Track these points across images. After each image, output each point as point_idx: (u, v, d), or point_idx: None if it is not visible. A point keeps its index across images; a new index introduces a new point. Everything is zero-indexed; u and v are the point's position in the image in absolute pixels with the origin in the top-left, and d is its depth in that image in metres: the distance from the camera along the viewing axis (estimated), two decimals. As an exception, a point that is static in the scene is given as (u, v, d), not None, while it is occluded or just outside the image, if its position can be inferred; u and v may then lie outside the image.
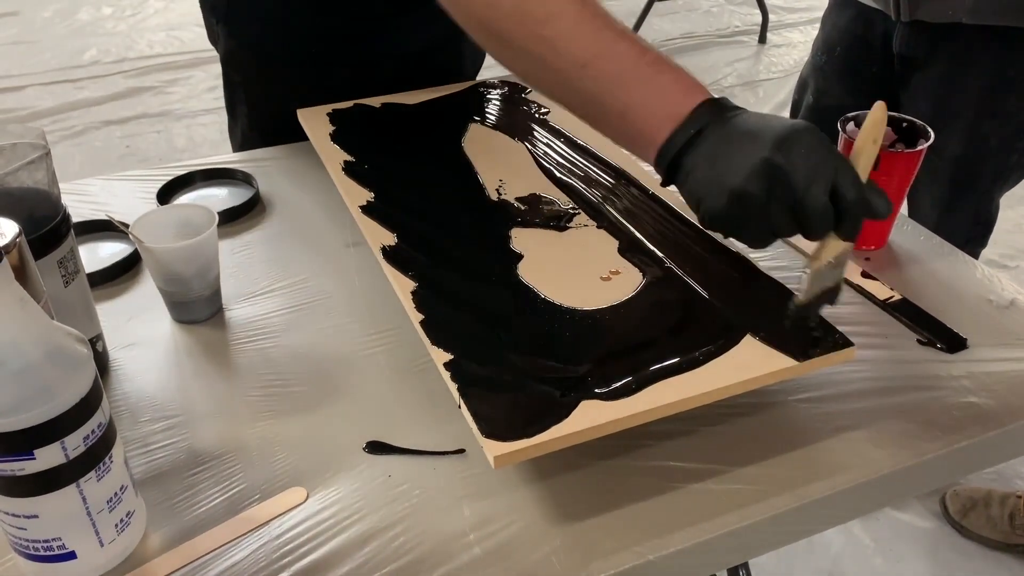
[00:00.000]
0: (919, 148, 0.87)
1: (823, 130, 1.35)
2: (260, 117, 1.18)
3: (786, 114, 1.51)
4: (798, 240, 0.93)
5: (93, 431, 0.55)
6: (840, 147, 0.90)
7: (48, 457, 0.53)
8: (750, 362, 0.68)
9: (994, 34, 1.14)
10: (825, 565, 1.48)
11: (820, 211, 0.63)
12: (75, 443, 0.54)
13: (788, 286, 0.76)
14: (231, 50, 1.15)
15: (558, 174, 0.95)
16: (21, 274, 0.60)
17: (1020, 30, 1.12)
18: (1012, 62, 1.16)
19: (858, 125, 0.92)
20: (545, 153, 0.99)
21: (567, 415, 0.63)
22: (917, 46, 1.22)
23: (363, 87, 1.12)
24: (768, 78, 3.24)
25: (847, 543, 1.52)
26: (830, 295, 0.71)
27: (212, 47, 1.22)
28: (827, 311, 0.73)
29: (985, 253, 1.37)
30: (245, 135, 1.21)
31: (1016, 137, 1.21)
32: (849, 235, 0.66)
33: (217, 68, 1.21)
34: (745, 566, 1.09)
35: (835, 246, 0.68)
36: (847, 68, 1.34)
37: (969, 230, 1.29)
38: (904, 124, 0.91)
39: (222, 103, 1.26)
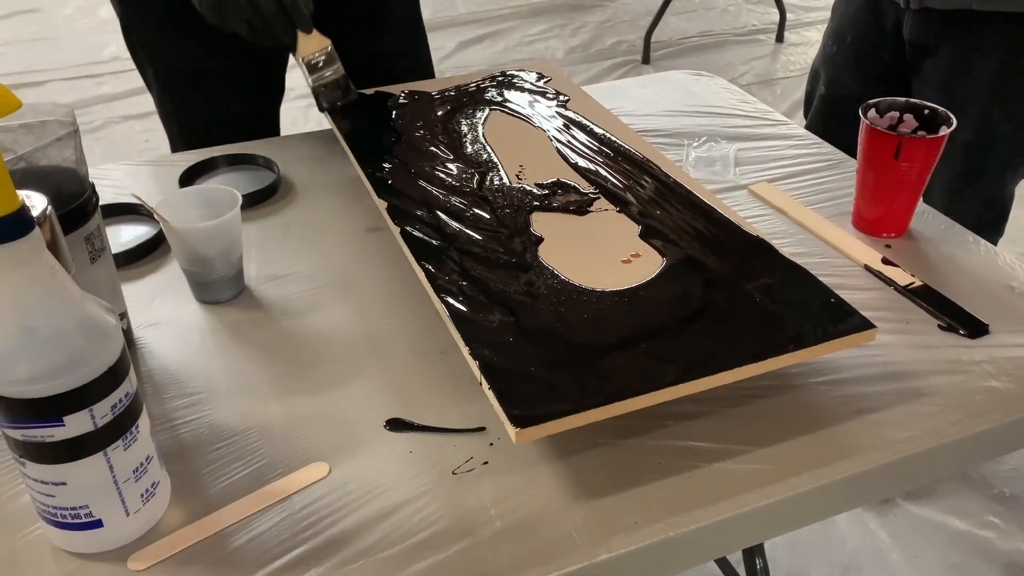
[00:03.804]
0: (940, 134, 0.86)
1: (838, 118, 1.35)
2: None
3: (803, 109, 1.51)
4: (820, 231, 0.93)
5: (120, 400, 0.56)
6: (861, 135, 0.90)
7: (77, 424, 0.54)
8: (770, 344, 0.68)
9: (1005, 20, 1.14)
10: (841, 560, 1.48)
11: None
12: (103, 411, 0.55)
13: (811, 271, 0.76)
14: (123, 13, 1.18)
15: (578, 160, 0.95)
16: (51, 248, 0.61)
17: None
18: (1022, 49, 1.16)
19: (879, 112, 0.92)
20: (565, 139, 0.99)
21: (588, 393, 0.63)
22: (927, 33, 1.22)
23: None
24: (785, 76, 3.22)
25: (863, 538, 1.51)
26: (339, 87, 1.04)
27: None
28: (847, 296, 0.74)
29: (1002, 249, 1.36)
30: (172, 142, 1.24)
31: None
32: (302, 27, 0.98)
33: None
34: (762, 555, 1.09)
35: (307, 42, 1.00)
36: (858, 57, 1.34)
37: (981, 216, 1.28)
38: (926, 111, 0.91)
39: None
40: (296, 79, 1.19)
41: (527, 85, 1.13)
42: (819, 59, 1.42)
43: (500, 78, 1.15)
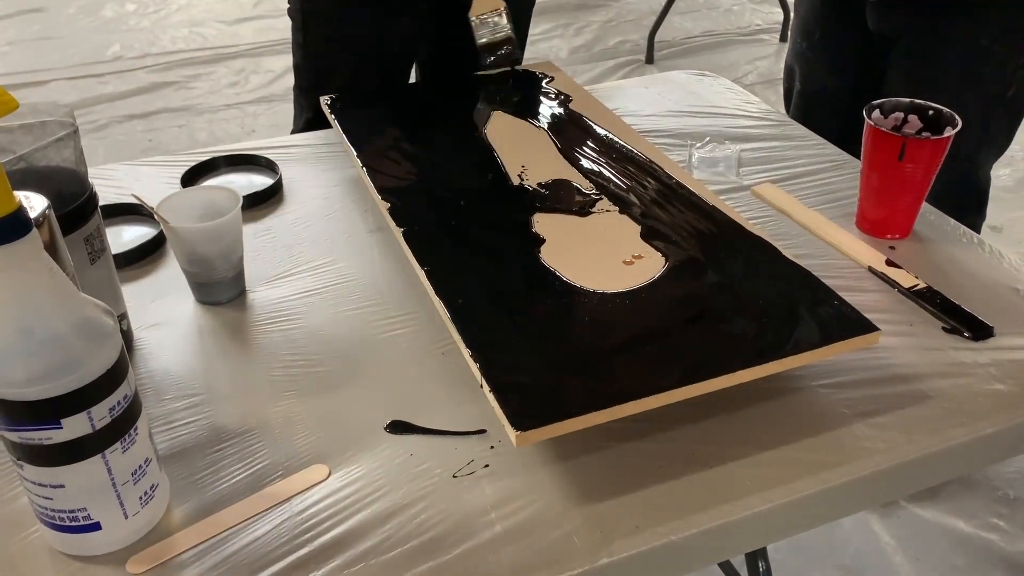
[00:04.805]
0: (945, 135, 0.86)
1: (816, 113, 1.34)
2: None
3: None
4: (823, 233, 0.92)
5: (119, 402, 0.55)
6: (865, 135, 0.89)
7: (75, 427, 0.54)
8: (773, 346, 0.67)
9: (962, 6, 1.13)
10: (844, 562, 1.47)
11: None
12: (101, 414, 0.54)
13: (814, 273, 0.75)
14: None
15: (580, 160, 0.94)
16: (50, 249, 0.60)
17: None
18: (984, 31, 1.15)
19: (883, 113, 0.92)
20: (567, 140, 0.99)
21: (589, 396, 0.63)
22: (890, 22, 1.22)
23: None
24: (789, 76, 3.22)
25: (866, 540, 1.50)
26: (503, 47, 1.12)
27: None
28: (851, 298, 0.73)
29: (1009, 252, 1.35)
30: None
31: (994, 103, 1.20)
32: None
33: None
34: (765, 558, 1.08)
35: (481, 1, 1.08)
36: (828, 50, 1.33)
37: (960, 198, 1.27)
38: (930, 112, 0.90)
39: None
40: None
41: (529, 85, 1.13)
42: (791, 56, 1.42)
43: (503, 78, 1.15)
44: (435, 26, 1.32)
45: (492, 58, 1.13)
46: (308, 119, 1.31)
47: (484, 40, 1.13)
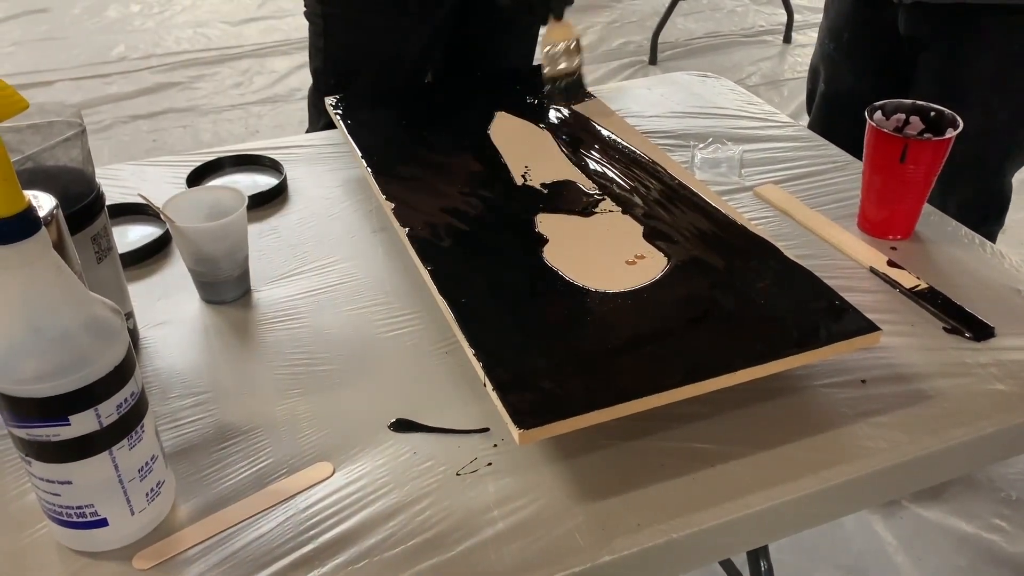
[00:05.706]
0: (947, 136, 0.86)
1: (839, 115, 1.33)
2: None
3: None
4: (825, 233, 0.93)
5: (126, 399, 0.56)
6: (867, 136, 0.89)
7: (82, 424, 0.54)
8: (775, 346, 0.68)
9: (997, 12, 1.13)
10: (846, 561, 1.47)
11: None
12: (108, 411, 0.55)
13: (816, 274, 0.76)
14: None
15: (583, 161, 0.95)
16: (58, 248, 0.61)
17: (1022, 6, 1.12)
18: (1017, 38, 1.15)
19: (885, 114, 0.92)
20: (570, 140, 0.99)
21: (591, 395, 0.63)
22: (923, 27, 1.21)
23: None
24: (793, 77, 3.21)
25: (869, 540, 1.51)
26: (571, 79, 1.04)
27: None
28: (852, 298, 0.74)
29: (1008, 252, 1.35)
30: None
31: None
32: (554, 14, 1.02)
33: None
34: (767, 557, 1.09)
35: (556, 30, 1.02)
36: (856, 53, 1.33)
37: (982, 208, 1.27)
38: (932, 113, 0.91)
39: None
40: (303, 79, 1.20)
41: (532, 86, 1.13)
42: (817, 57, 1.42)
43: (506, 78, 1.15)
44: (449, 29, 1.33)
45: (553, 90, 1.07)
46: (327, 122, 1.31)
47: (550, 71, 1.06)
